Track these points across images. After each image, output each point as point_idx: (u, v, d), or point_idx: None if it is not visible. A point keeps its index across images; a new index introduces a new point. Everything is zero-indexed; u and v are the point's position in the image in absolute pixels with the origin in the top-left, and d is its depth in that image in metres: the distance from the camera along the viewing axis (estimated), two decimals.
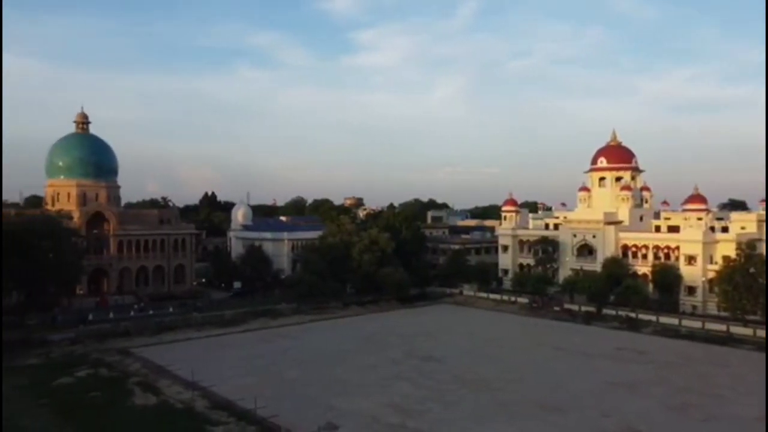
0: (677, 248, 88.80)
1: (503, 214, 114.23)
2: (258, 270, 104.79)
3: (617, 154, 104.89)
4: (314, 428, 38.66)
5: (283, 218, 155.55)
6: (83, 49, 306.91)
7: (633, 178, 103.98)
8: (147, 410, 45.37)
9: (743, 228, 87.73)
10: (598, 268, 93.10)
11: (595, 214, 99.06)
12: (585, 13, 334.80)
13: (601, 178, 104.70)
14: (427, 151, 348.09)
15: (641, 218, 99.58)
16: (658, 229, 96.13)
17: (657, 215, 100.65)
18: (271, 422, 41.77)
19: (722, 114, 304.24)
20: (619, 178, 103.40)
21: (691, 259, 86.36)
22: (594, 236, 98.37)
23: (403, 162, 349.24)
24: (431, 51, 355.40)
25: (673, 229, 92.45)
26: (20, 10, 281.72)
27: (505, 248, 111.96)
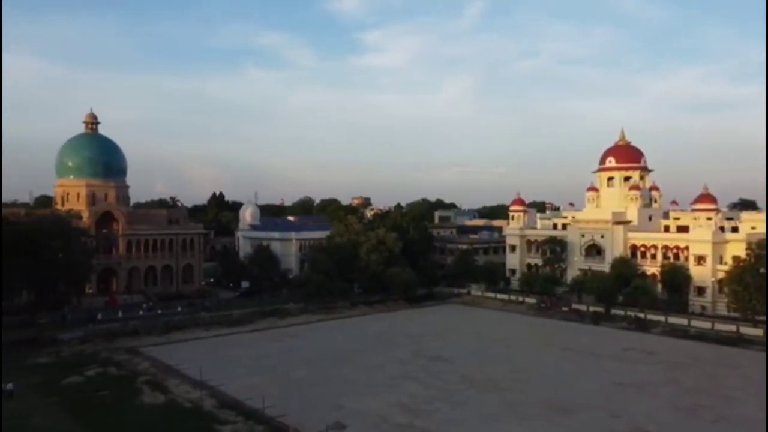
0: (686, 248, 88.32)
1: (511, 214, 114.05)
2: (266, 270, 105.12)
3: (626, 153, 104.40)
4: (322, 427, 38.91)
5: (290, 218, 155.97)
6: (92, 50, 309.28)
7: (642, 178, 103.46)
8: (155, 409, 45.64)
9: (753, 228, 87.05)
10: (606, 268, 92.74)
11: (603, 214, 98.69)
12: (592, 13, 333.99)
13: (610, 178, 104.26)
14: (434, 151, 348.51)
15: (650, 218, 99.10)
16: (667, 229, 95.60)
17: (666, 215, 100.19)
18: (279, 422, 41.88)
19: (732, 113, 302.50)
20: (627, 178, 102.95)
21: (700, 260, 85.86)
22: (602, 236, 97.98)
23: (411, 162, 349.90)
24: (438, 51, 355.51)
25: (683, 229, 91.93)
26: (30, 11, 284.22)
27: (512, 248, 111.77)
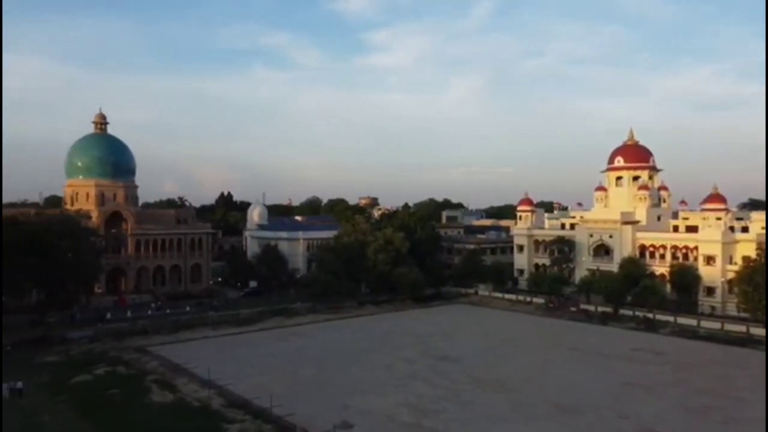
0: (696, 248, 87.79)
1: (519, 213, 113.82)
2: (273, 269, 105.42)
3: (634, 153, 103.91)
4: (329, 427, 38.97)
5: (298, 218, 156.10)
6: (102, 51, 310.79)
7: (650, 178, 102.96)
8: (164, 408, 45.84)
9: (763, 228, 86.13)
10: (614, 268, 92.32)
11: (611, 214, 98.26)
12: (600, 12, 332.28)
13: (618, 178, 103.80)
14: (441, 151, 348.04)
15: (659, 218, 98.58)
16: (676, 229, 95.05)
17: (675, 215, 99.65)
18: (286, 421, 41.98)
19: (742, 112, 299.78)
20: (636, 178, 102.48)
21: (710, 260, 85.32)
22: (611, 236, 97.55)
23: (418, 162, 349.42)
24: (445, 51, 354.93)
25: (692, 229, 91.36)
26: (39, 12, 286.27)
27: (520, 248, 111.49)
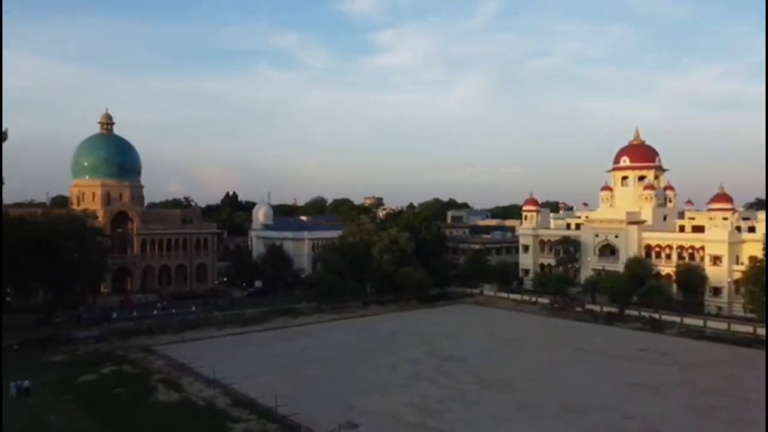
0: (702, 248, 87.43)
1: (524, 213, 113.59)
2: (279, 269, 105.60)
3: (640, 152, 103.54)
4: (334, 426, 38.98)
5: (303, 218, 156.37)
6: (107, 51, 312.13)
7: (656, 177, 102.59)
8: (170, 407, 45.96)
9: None
10: (620, 268, 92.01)
11: (617, 214, 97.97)
12: (606, 12, 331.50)
13: (624, 178, 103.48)
14: (447, 151, 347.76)
15: (665, 218, 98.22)
16: (682, 228, 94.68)
17: (681, 215, 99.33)
18: (291, 420, 42.03)
19: (749, 111, 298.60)
20: (642, 177, 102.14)
21: (716, 260, 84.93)
22: (616, 236, 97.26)
23: (423, 162, 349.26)
24: (451, 51, 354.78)
25: (698, 229, 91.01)
26: (47, 12, 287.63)
27: (525, 248, 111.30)
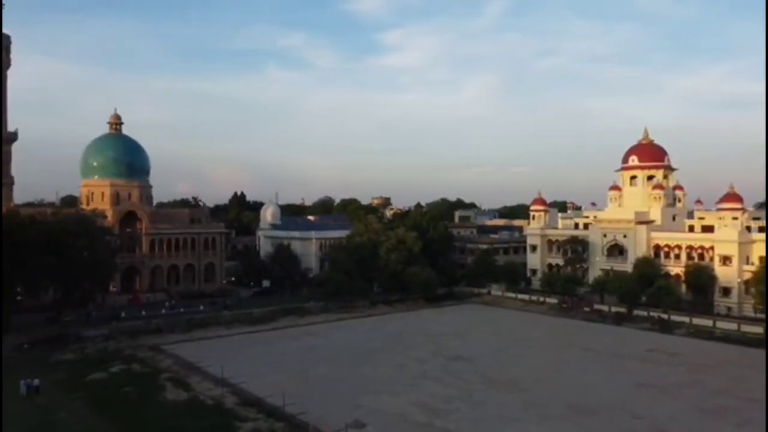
0: (711, 248, 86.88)
1: (532, 213, 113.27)
2: (286, 269, 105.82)
3: (649, 152, 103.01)
4: (341, 426, 39.02)
5: (311, 217, 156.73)
6: (117, 52, 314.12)
7: (665, 177, 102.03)
8: (178, 405, 46.18)
9: None
10: (629, 268, 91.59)
11: (626, 214, 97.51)
12: (615, 11, 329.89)
13: (633, 177, 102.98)
14: (454, 151, 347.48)
15: (674, 218, 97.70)
16: (691, 228, 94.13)
17: (690, 215, 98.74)
18: (299, 419, 42.13)
19: (758, 110, 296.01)
20: (650, 177, 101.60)
21: (726, 260, 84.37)
22: (625, 236, 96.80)
23: (431, 162, 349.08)
24: (459, 50, 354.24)
25: (708, 228, 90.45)
26: (57, 13, 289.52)
27: (533, 248, 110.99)
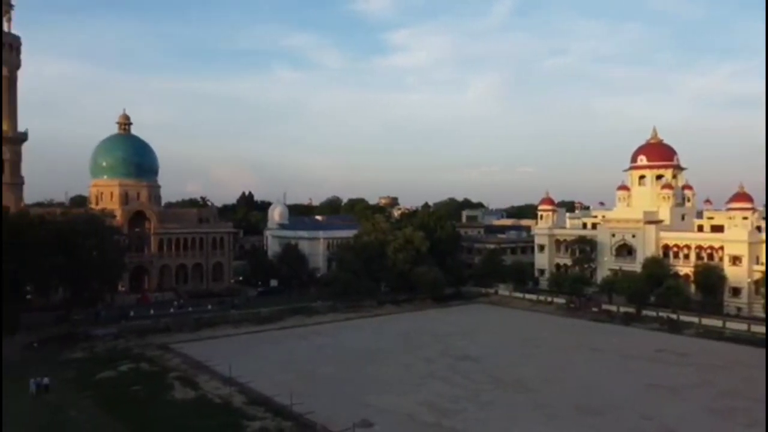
0: (721, 248, 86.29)
1: (540, 213, 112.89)
2: (294, 268, 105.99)
3: (658, 151, 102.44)
4: (349, 425, 39.00)
5: (318, 217, 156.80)
6: (125, 53, 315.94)
7: (674, 177, 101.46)
8: (186, 404, 46.38)
9: None
10: (637, 268, 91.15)
11: (634, 214, 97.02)
12: (622, 10, 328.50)
13: (641, 177, 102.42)
14: (461, 151, 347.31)
15: (683, 217, 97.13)
16: (701, 228, 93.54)
17: (700, 214, 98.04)
18: (306, 418, 42.24)
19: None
20: (659, 177, 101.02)
21: (736, 260, 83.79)
22: (633, 236, 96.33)
23: (438, 161, 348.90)
24: (465, 50, 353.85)
25: (717, 228, 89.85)
26: (65, 14, 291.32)
27: (541, 248, 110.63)
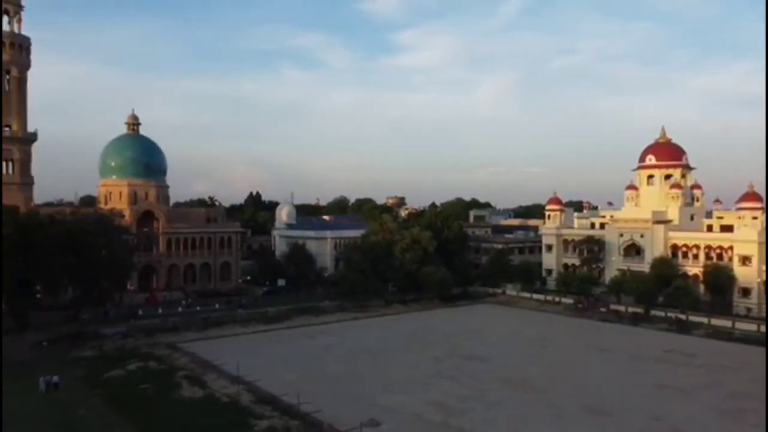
0: (731, 248, 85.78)
1: (547, 213, 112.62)
2: (301, 268, 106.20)
3: (666, 151, 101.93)
4: (356, 424, 39.13)
5: (326, 217, 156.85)
6: (135, 54, 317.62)
7: (683, 176, 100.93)
8: (194, 403, 46.57)
9: None
10: (646, 268, 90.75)
11: (643, 213, 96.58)
12: (632, 9, 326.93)
13: (650, 176, 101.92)
14: (469, 151, 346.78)
15: (692, 217, 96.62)
16: (710, 228, 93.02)
17: (709, 214, 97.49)
18: (314, 417, 42.26)
19: None
20: (668, 176, 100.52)
21: (745, 260, 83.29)
22: (642, 236, 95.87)
23: (445, 161, 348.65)
24: (473, 50, 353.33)
25: (727, 228, 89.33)
26: (75, 15, 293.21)
27: (549, 248, 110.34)
